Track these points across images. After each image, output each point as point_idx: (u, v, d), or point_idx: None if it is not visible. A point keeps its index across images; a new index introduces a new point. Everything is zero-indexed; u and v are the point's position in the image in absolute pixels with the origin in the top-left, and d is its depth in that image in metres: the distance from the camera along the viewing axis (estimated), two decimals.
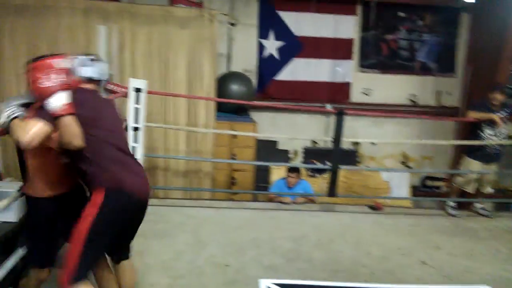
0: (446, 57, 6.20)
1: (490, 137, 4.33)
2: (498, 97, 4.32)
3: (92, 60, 2.10)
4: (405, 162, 6.05)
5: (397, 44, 6.26)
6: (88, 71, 2.06)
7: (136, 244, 3.28)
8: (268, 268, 3.10)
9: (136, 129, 3.88)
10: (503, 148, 4.51)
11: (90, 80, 2.07)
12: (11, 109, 1.86)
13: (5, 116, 1.85)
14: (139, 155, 3.88)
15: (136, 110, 3.88)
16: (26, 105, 1.91)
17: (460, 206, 4.64)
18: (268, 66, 6.06)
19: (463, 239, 3.87)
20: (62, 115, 1.72)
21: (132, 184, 1.94)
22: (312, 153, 6.10)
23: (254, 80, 5.89)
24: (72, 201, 2.04)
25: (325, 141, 6.12)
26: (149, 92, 4.26)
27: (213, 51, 4.85)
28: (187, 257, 3.16)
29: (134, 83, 3.89)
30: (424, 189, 5.80)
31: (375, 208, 4.53)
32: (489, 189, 4.59)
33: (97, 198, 1.85)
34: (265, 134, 5.40)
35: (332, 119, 4.73)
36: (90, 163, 1.88)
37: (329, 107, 5.76)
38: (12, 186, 2.53)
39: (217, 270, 3.01)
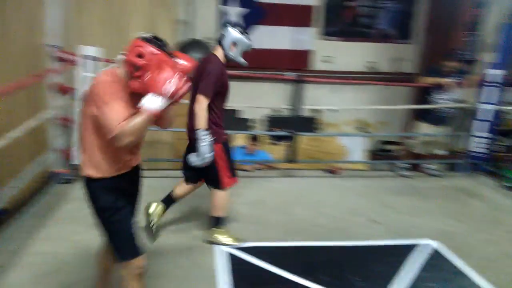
0: (404, 24, 6.30)
1: (441, 101, 4.53)
2: (451, 63, 4.49)
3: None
4: (362, 128, 6.23)
5: (358, 11, 6.29)
6: None
7: (91, 216, 3.30)
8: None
9: None
10: (453, 111, 4.74)
11: None
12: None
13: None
14: None
15: (90, 79, 3.77)
16: None
17: (412, 167, 4.88)
18: None
19: (412, 198, 4.10)
20: None
21: None
22: (275, 121, 6.16)
23: None
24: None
25: (287, 109, 6.17)
26: (106, 61, 4.14)
27: (171, 17, 4.73)
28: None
29: (86, 50, 3.76)
30: (379, 153, 6.03)
31: (331, 172, 4.69)
32: (439, 151, 4.83)
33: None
34: None
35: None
36: None
37: (289, 75, 5.78)
38: None
39: (174, 237, 3.07)
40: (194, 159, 2.68)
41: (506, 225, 3.60)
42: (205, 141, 2.64)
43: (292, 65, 6.04)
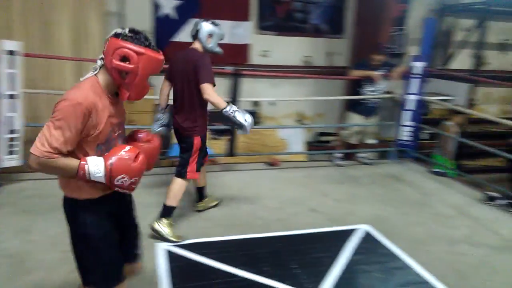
0: (336, 19, 6.52)
1: (370, 93, 4.77)
2: (378, 56, 4.74)
3: None
4: (300, 120, 6.39)
5: (291, 6, 6.40)
6: None
7: (20, 221, 3.09)
8: None
9: (11, 96, 3.52)
10: (381, 102, 5.02)
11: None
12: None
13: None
14: (18, 125, 3.55)
15: (10, 75, 3.50)
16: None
17: (346, 156, 5.11)
18: (165, 26, 5.80)
19: (347, 186, 4.30)
20: None
21: None
22: (215, 116, 6.10)
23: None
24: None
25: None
26: (27, 55, 3.88)
27: (102, 8, 4.51)
28: None
29: (6, 45, 3.49)
30: (317, 144, 6.23)
31: (272, 164, 4.78)
32: (370, 140, 5.10)
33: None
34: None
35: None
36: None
37: (228, 69, 5.77)
38: None
39: None
40: (241, 132, 2.81)
41: (433, 207, 3.89)
42: (234, 113, 2.75)
43: (232, 59, 5.99)
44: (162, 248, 2.85)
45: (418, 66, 4.78)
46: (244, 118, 2.75)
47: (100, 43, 4.53)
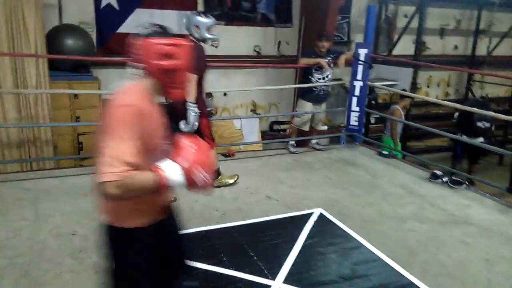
0: (284, 8, 6.57)
1: (319, 81, 4.87)
2: (325, 44, 4.82)
3: None
4: (254, 110, 6.42)
5: None
6: None
7: None
8: None
9: None
10: (331, 89, 5.14)
11: None
12: None
13: None
14: None
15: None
16: None
17: (300, 143, 5.21)
18: (108, 18, 5.57)
19: (301, 172, 4.39)
20: None
21: None
22: (167, 109, 5.98)
23: (94, 33, 5.39)
24: None
25: None
26: None
27: (38, 1, 4.24)
28: (26, 234, 2.90)
29: None
30: (271, 133, 6.30)
31: (227, 155, 4.78)
32: (322, 127, 5.22)
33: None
34: (109, 91, 5.05)
35: None
36: None
37: None
38: None
39: (62, 241, 2.84)
40: (183, 127, 3.20)
41: (382, 188, 4.06)
42: (193, 112, 3.20)
43: None
44: None
45: (363, 53, 4.93)
46: (196, 122, 3.23)
47: (38, 37, 4.26)
